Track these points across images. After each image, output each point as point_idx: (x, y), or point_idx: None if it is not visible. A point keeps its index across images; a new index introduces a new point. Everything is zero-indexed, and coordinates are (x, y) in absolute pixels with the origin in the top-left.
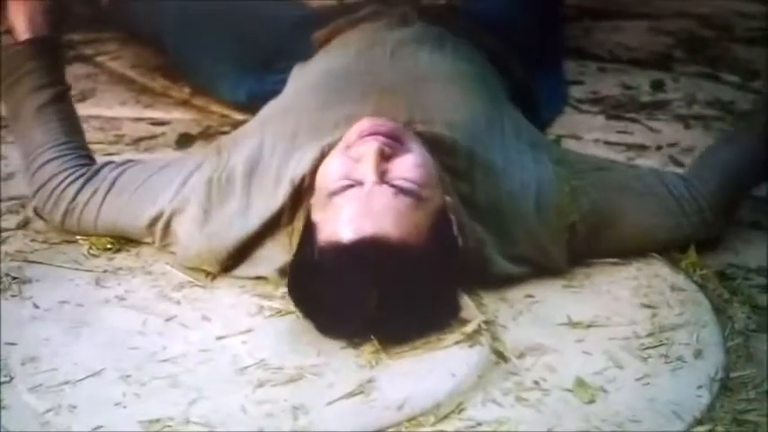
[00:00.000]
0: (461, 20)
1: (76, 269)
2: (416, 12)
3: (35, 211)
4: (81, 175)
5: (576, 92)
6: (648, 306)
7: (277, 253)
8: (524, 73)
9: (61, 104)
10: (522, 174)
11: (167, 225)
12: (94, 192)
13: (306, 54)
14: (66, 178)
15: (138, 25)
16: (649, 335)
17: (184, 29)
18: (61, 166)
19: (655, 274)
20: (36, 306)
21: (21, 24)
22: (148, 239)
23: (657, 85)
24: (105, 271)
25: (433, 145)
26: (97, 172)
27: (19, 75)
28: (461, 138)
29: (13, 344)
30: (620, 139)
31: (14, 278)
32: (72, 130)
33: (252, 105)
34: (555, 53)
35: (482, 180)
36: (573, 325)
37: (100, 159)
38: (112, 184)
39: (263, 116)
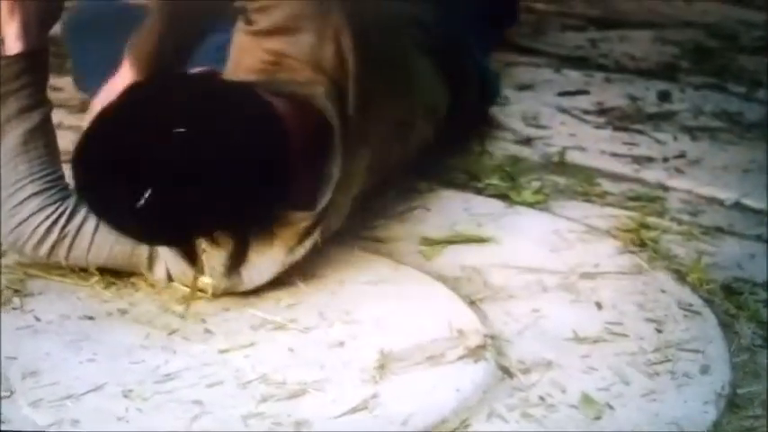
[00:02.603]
0: None
1: (78, 282)
2: None
3: (11, 246)
4: (65, 208)
5: (581, 102)
6: (654, 321)
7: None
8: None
9: (48, 126)
10: None
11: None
12: (83, 221)
13: None
14: (51, 213)
15: None
16: (656, 350)
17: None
18: (45, 201)
19: (661, 289)
20: (37, 319)
21: (13, 35)
22: (144, 269)
23: (664, 96)
24: (107, 284)
25: None
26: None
27: (9, 90)
28: None
29: (13, 357)
30: (626, 151)
31: (16, 291)
32: (54, 157)
33: None
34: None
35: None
36: (579, 340)
37: None
38: None
39: None
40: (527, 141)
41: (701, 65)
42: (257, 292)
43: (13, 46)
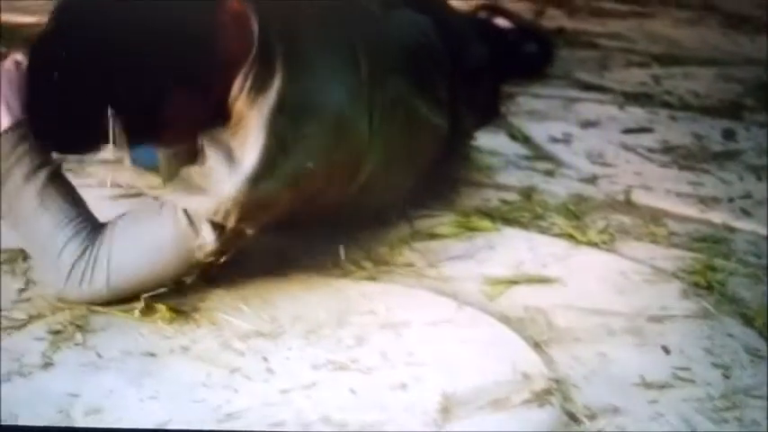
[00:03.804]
0: None
1: (141, 318)
2: None
3: (76, 299)
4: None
5: (646, 140)
6: (722, 366)
7: None
8: None
9: (60, 180)
10: None
11: None
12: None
13: None
14: (91, 252)
15: None
16: (723, 396)
17: None
18: (82, 243)
19: (728, 333)
20: (99, 356)
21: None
22: (193, 242)
23: (729, 135)
24: (170, 320)
25: None
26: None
27: (10, 164)
28: None
29: (76, 395)
30: (691, 191)
31: (78, 327)
32: (75, 200)
33: None
34: None
35: None
36: (646, 385)
37: None
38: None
39: None
40: (592, 179)
41: (765, 102)
42: (318, 330)
43: (2, 123)
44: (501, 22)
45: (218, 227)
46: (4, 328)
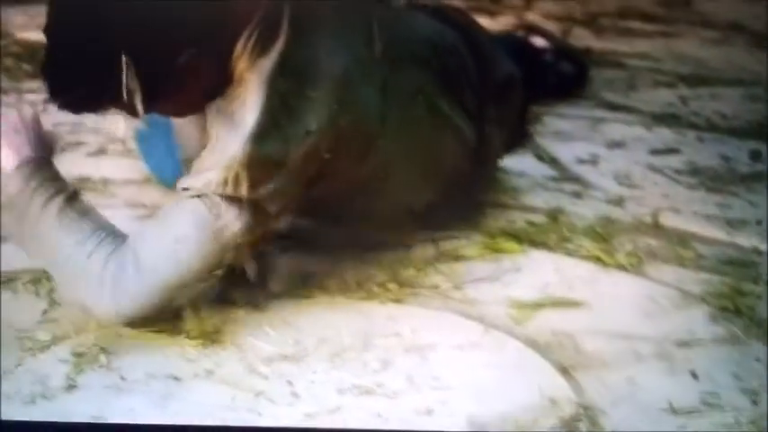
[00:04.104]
0: None
1: (164, 341)
2: None
3: (113, 314)
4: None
5: (673, 161)
6: (750, 392)
7: None
8: None
9: (77, 202)
10: None
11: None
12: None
13: None
14: (119, 260)
15: None
16: (751, 422)
17: None
18: (106, 249)
19: (756, 358)
20: (123, 378)
21: (8, 157)
22: (219, 234)
23: (756, 156)
24: (197, 344)
25: None
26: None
27: (26, 198)
28: None
29: (99, 417)
30: (719, 213)
31: (102, 349)
32: (95, 216)
33: None
34: None
35: None
36: (674, 411)
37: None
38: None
39: None
40: (619, 201)
41: None
42: (343, 353)
43: (12, 164)
44: (538, 41)
45: (235, 202)
46: (28, 349)
